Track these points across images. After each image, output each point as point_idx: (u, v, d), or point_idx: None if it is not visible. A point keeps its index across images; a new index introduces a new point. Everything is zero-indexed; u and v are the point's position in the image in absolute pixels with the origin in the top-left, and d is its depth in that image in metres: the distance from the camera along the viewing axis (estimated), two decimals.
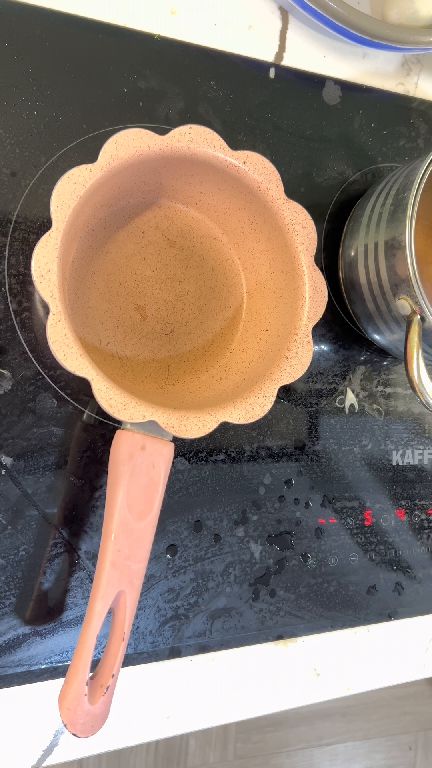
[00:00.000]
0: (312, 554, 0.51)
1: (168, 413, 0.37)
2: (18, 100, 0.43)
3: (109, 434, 0.44)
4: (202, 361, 0.45)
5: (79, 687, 0.35)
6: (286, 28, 0.53)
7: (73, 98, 0.45)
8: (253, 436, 0.49)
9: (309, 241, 0.42)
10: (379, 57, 0.56)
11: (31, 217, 0.43)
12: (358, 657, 0.53)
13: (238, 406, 0.39)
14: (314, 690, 0.51)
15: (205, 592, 0.47)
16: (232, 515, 0.48)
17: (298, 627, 0.50)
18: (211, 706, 0.47)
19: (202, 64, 0.49)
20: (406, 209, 0.42)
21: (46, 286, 0.34)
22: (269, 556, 0.49)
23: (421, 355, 0.43)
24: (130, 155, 0.36)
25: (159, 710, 0.46)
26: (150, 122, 0.47)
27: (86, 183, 0.35)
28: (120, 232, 0.43)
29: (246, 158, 0.40)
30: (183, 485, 0.47)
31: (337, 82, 0.54)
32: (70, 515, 0.43)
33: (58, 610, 0.42)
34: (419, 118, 0.57)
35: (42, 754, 0.42)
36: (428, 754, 1.47)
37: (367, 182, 0.55)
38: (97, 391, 0.35)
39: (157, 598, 0.45)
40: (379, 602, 0.53)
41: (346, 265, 0.51)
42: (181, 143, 0.38)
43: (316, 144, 0.53)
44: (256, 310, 0.46)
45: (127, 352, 0.43)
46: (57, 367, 0.43)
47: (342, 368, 0.53)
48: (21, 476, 0.42)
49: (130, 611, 0.37)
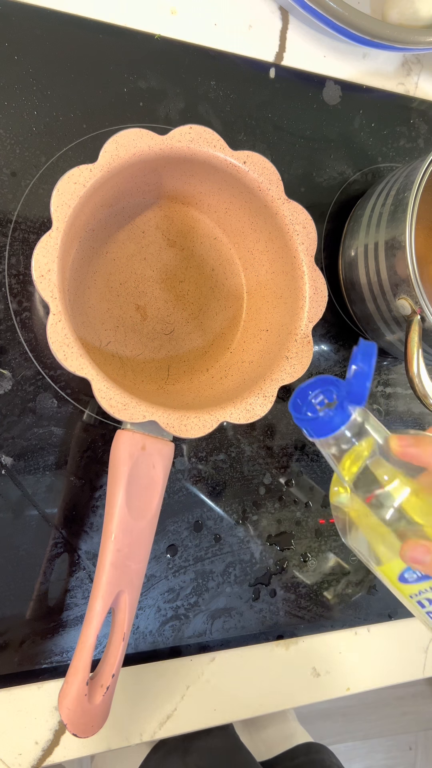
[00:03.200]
0: (312, 554, 0.51)
1: (168, 413, 0.37)
2: (18, 100, 0.43)
3: (109, 434, 0.44)
4: (202, 361, 0.45)
5: (79, 687, 0.35)
6: (287, 28, 0.53)
7: (73, 98, 0.45)
8: (253, 436, 0.49)
9: (309, 241, 0.42)
10: (379, 57, 0.56)
11: (31, 217, 0.43)
12: (358, 657, 0.53)
13: (238, 406, 0.39)
14: (314, 690, 0.51)
15: (205, 592, 0.47)
16: (232, 515, 0.48)
17: (298, 627, 0.50)
18: (211, 706, 0.47)
19: (202, 64, 0.49)
20: (407, 209, 0.42)
21: (46, 286, 0.34)
22: (269, 556, 0.49)
23: (421, 355, 0.43)
24: (130, 155, 0.36)
25: (159, 710, 0.46)
26: (150, 122, 0.47)
27: (86, 183, 0.35)
28: (120, 232, 0.43)
29: (246, 158, 0.40)
30: (183, 485, 0.47)
31: (338, 82, 0.54)
32: (70, 515, 0.43)
33: (58, 610, 0.42)
34: (419, 117, 0.57)
35: (42, 754, 0.42)
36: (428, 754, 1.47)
37: (368, 182, 0.55)
38: (97, 391, 0.35)
39: (157, 598, 0.45)
40: (379, 602, 0.53)
41: (346, 265, 0.51)
42: (182, 143, 0.38)
43: (316, 144, 0.53)
44: (256, 310, 0.46)
45: (127, 352, 0.43)
46: (57, 367, 0.43)
47: (342, 368, 0.53)
48: (21, 476, 0.42)
49: (130, 611, 0.37)
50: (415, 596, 0.34)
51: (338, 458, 0.33)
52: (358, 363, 0.31)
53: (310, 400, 0.33)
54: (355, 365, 0.31)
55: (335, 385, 0.32)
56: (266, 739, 0.77)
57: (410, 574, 0.33)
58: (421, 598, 0.34)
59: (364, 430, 0.33)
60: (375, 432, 0.33)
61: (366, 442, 0.32)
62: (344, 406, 0.32)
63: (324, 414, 0.32)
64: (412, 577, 0.33)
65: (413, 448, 0.31)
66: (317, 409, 0.33)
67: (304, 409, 0.33)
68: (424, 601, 0.34)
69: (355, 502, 0.33)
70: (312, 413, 0.33)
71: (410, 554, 0.31)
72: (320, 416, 0.32)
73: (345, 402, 0.32)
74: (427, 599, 0.34)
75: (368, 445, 0.33)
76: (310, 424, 0.32)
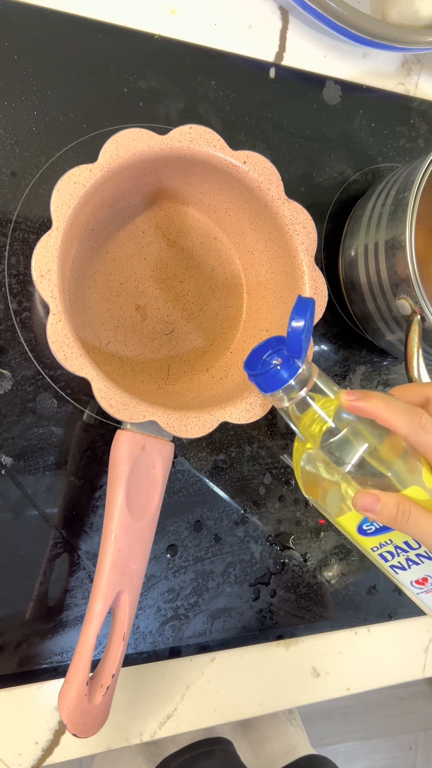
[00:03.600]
0: (312, 554, 0.51)
1: (168, 413, 0.37)
2: (18, 100, 0.43)
3: (109, 434, 0.44)
4: (202, 361, 0.45)
5: (79, 687, 0.35)
6: (287, 28, 0.53)
7: (73, 98, 0.45)
8: (253, 436, 0.49)
9: (309, 241, 0.42)
10: (379, 57, 0.56)
11: (31, 217, 0.43)
12: (358, 657, 0.53)
13: (238, 406, 0.39)
14: (314, 690, 0.51)
15: (205, 592, 0.47)
16: (232, 515, 0.48)
17: (298, 627, 0.50)
18: (211, 706, 0.47)
19: (203, 64, 0.49)
20: (407, 209, 0.42)
21: (46, 286, 0.34)
22: (269, 556, 0.49)
23: (421, 355, 0.43)
24: (130, 155, 0.36)
25: (159, 710, 0.46)
26: (150, 122, 0.47)
27: (86, 183, 0.35)
28: (120, 232, 0.43)
29: (246, 158, 0.40)
30: (183, 485, 0.47)
31: (338, 81, 0.54)
32: (70, 515, 0.43)
33: (58, 610, 0.42)
34: (419, 117, 0.57)
35: (42, 754, 0.42)
36: (428, 754, 1.47)
37: (368, 182, 0.55)
38: (97, 391, 0.35)
39: (157, 598, 0.45)
40: (379, 602, 0.53)
41: (347, 265, 0.51)
42: (182, 143, 0.38)
43: (316, 144, 0.53)
44: (256, 310, 0.46)
45: (127, 352, 0.43)
46: (57, 367, 0.43)
47: (342, 368, 0.53)
48: (21, 476, 0.42)
49: (130, 611, 0.37)
50: (376, 549, 0.35)
51: (297, 417, 0.35)
52: (293, 319, 0.33)
53: (264, 359, 0.34)
54: (291, 321, 0.33)
55: (283, 343, 0.34)
56: (269, 754, 0.77)
57: (368, 526, 0.34)
58: (382, 551, 0.35)
59: (317, 387, 0.34)
60: (326, 388, 0.34)
61: (322, 400, 0.34)
62: (291, 361, 0.34)
63: (272, 368, 0.34)
64: (369, 529, 0.34)
65: (360, 402, 0.33)
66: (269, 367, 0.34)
67: (258, 367, 0.34)
68: (386, 554, 0.35)
69: (316, 457, 0.35)
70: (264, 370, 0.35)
71: (360, 503, 0.32)
72: (269, 370, 0.34)
73: (292, 358, 0.34)
74: (388, 552, 0.35)
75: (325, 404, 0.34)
76: (261, 379, 0.34)
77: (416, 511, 0.32)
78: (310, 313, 0.33)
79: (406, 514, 0.31)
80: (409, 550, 0.34)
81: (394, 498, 0.32)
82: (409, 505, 0.32)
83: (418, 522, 0.31)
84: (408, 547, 0.34)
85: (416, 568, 0.35)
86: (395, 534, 0.34)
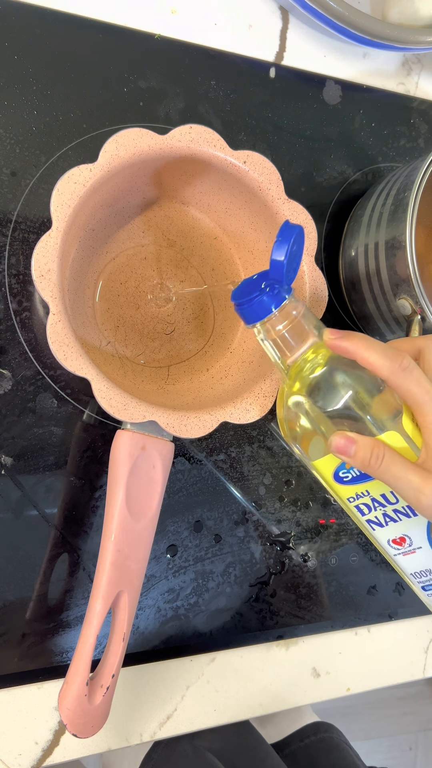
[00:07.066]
0: (312, 554, 0.51)
1: (168, 413, 0.36)
2: (18, 99, 0.43)
3: (109, 434, 0.44)
4: (202, 361, 0.45)
5: (79, 687, 0.35)
6: (287, 27, 0.53)
7: (73, 98, 0.45)
8: (253, 436, 0.49)
9: (309, 241, 0.42)
10: (379, 57, 0.56)
11: (31, 217, 0.43)
12: (358, 657, 0.53)
13: (238, 406, 0.39)
14: (314, 690, 0.51)
15: (205, 592, 0.47)
16: (232, 515, 0.48)
17: (298, 627, 0.50)
18: (211, 706, 0.47)
19: (203, 64, 0.49)
20: (407, 209, 0.42)
21: (46, 286, 0.34)
22: (269, 556, 0.49)
23: None
24: (130, 155, 0.36)
25: (159, 710, 0.46)
26: (150, 122, 0.47)
27: (86, 183, 0.35)
28: (120, 232, 0.43)
29: (246, 158, 0.40)
30: (183, 485, 0.47)
31: (338, 81, 0.54)
32: (70, 515, 0.43)
33: (58, 610, 0.42)
34: (420, 117, 0.57)
35: (42, 754, 0.42)
36: (428, 754, 1.47)
37: (368, 182, 0.55)
38: (97, 391, 0.35)
39: (157, 598, 0.45)
40: (379, 602, 0.53)
41: (347, 264, 0.51)
42: (182, 143, 0.38)
43: (316, 144, 0.53)
44: None
45: (127, 352, 0.43)
46: (57, 367, 0.43)
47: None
48: (21, 476, 0.42)
49: (130, 611, 0.37)
50: (353, 500, 0.34)
51: (282, 352, 0.34)
52: (276, 248, 0.32)
53: (251, 290, 0.34)
54: (274, 250, 0.32)
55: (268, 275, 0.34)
56: (275, 722, 0.77)
57: (344, 473, 0.34)
58: (359, 503, 0.34)
59: (302, 322, 0.34)
60: (311, 324, 0.34)
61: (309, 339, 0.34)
62: (274, 290, 0.33)
63: (257, 297, 0.33)
64: (346, 477, 0.34)
65: (341, 341, 0.32)
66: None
67: (245, 297, 0.34)
68: (362, 507, 0.34)
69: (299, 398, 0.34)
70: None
71: (335, 444, 0.31)
72: (253, 299, 0.33)
73: (275, 288, 0.33)
74: (365, 504, 0.34)
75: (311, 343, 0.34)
76: (247, 308, 0.34)
77: (390, 456, 0.31)
78: (295, 241, 0.32)
79: (380, 458, 0.31)
80: (387, 504, 0.33)
81: (369, 441, 0.31)
82: (383, 449, 0.31)
83: (390, 467, 0.31)
84: (386, 501, 0.33)
85: (393, 526, 0.34)
86: (372, 485, 0.33)
